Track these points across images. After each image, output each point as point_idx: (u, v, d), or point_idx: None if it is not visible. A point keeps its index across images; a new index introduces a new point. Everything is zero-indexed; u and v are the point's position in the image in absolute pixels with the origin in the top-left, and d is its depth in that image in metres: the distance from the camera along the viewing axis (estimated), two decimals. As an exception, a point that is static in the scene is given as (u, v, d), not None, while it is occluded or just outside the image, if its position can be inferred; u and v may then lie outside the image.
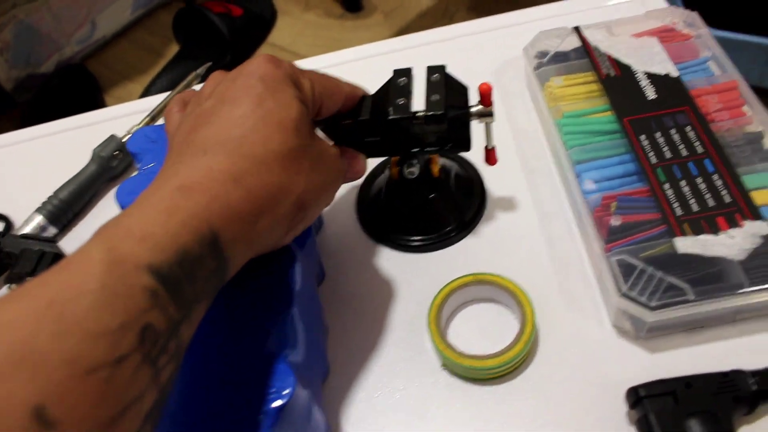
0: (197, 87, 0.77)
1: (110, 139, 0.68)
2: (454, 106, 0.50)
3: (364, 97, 0.53)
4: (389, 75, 0.53)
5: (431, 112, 0.49)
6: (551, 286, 0.54)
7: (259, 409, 0.39)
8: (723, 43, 0.60)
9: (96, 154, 0.67)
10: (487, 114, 0.51)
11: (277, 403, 0.39)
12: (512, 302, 0.51)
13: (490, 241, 0.57)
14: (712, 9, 1.19)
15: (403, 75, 0.52)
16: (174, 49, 1.85)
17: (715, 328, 0.50)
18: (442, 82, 0.51)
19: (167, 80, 1.70)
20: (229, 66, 0.55)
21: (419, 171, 0.55)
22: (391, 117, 0.50)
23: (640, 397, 0.43)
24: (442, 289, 0.52)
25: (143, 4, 1.97)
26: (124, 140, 0.68)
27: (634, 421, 0.44)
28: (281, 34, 1.82)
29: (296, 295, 0.44)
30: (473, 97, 0.52)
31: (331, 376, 0.51)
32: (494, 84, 0.69)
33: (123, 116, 0.74)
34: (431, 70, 0.52)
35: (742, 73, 1.23)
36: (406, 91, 0.51)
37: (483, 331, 0.52)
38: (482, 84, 0.50)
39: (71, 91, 1.82)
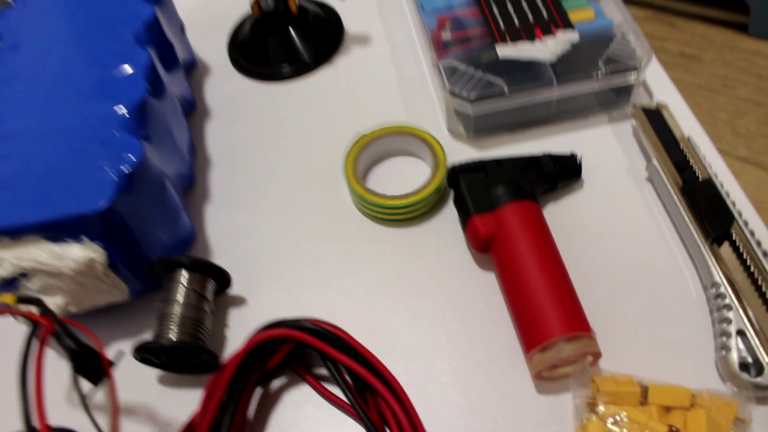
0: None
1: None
2: None
3: None
4: None
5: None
6: (398, 104, 0.59)
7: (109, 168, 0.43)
8: None
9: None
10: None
11: (126, 167, 0.43)
12: (426, 151, 0.53)
13: (346, 70, 0.63)
14: None
15: None
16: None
17: (534, 129, 0.56)
18: None
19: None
20: None
21: (275, 5, 0.60)
22: None
23: (456, 173, 0.49)
24: (357, 141, 0.54)
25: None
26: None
27: (453, 201, 0.51)
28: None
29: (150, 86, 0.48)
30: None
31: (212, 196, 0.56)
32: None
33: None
34: None
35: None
36: None
37: (400, 179, 0.55)
38: None
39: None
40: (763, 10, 1.34)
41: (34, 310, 0.37)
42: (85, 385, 0.37)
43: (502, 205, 0.47)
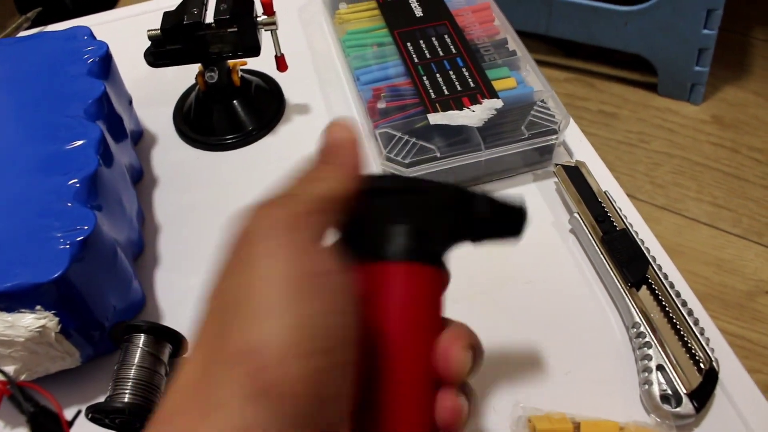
0: (26, 32, 0.81)
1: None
2: (241, 14, 0.59)
3: (166, 13, 0.60)
4: None
5: (219, 17, 0.58)
6: (338, 169, 0.63)
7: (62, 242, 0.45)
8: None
9: None
10: (270, 23, 0.60)
11: (80, 237, 0.45)
12: None
13: (288, 138, 0.66)
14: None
15: None
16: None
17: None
18: None
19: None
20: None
21: (219, 78, 0.63)
22: (185, 22, 0.58)
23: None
24: None
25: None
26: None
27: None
28: None
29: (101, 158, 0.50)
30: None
31: (161, 263, 0.58)
32: (298, 18, 0.79)
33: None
34: (222, -17, 0.60)
35: (532, 23, 1.47)
36: (201, 3, 0.59)
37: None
38: (264, -3, 0.59)
39: None
40: (668, 73, 1.47)
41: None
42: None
43: (390, 261, 0.32)
